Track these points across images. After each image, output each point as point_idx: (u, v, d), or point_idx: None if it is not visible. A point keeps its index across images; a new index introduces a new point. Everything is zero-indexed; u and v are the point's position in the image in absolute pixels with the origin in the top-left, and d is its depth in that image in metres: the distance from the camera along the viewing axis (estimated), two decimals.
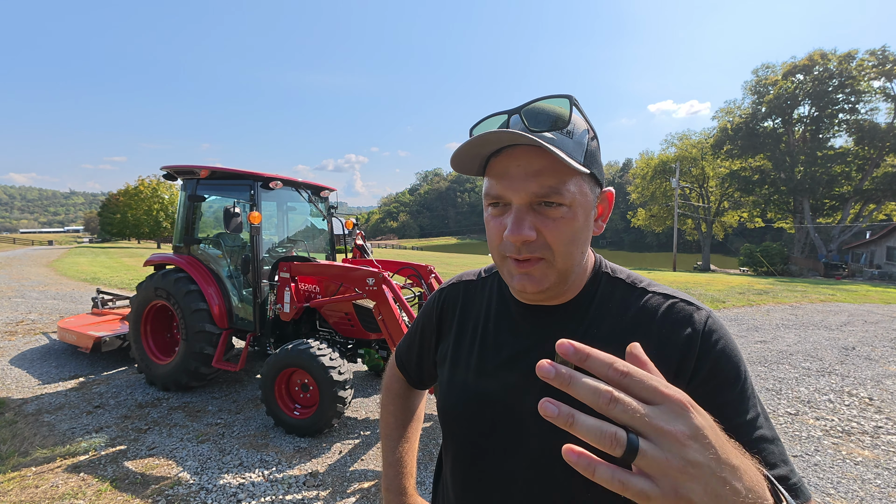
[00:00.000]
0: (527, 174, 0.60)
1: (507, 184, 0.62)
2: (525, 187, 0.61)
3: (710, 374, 0.61)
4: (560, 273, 0.64)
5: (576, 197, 0.62)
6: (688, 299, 0.68)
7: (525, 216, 0.61)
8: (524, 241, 0.61)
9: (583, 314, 0.70)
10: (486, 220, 0.68)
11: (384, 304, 3.51)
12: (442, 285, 0.92)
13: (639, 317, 0.67)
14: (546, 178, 0.60)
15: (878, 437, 3.80)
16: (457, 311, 0.84)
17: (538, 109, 0.63)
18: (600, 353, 0.38)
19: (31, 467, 3.07)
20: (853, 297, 12.65)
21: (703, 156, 38.60)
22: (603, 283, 0.72)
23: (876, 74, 30.07)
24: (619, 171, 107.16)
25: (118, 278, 13.54)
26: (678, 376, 0.62)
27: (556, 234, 0.62)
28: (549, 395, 0.64)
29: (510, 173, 0.62)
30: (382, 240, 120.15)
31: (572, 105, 0.63)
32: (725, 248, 57.98)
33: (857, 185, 30.75)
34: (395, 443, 0.96)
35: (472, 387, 0.74)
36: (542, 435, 0.66)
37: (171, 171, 4.52)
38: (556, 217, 0.61)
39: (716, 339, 0.63)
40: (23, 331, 6.78)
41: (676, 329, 0.64)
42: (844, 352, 6.50)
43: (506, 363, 0.72)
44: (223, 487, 2.84)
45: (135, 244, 47.29)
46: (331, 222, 5.27)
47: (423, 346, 0.91)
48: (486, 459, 0.71)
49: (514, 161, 0.61)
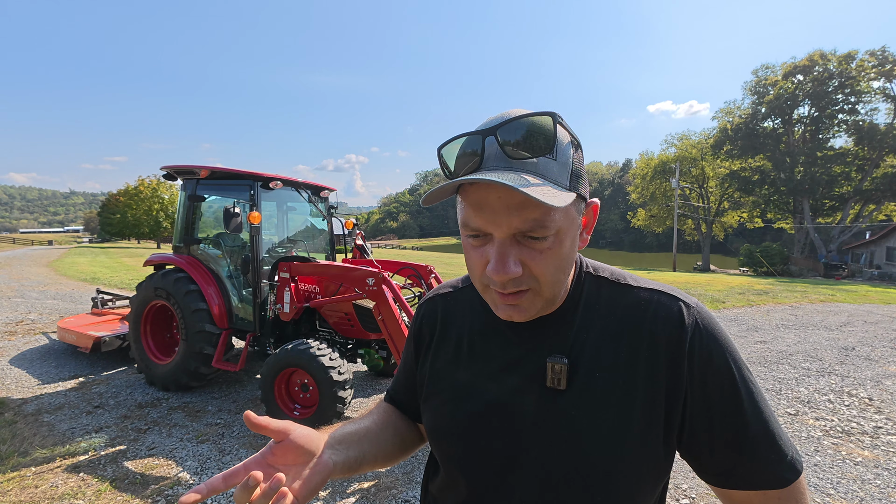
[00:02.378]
0: (508, 207, 0.55)
1: (487, 217, 0.57)
2: (507, 222, 0.55)
3: (702, 371, 0.62)
4: (547, 300, 0.62)
5: (562, 226, 0.58)
6: (673, 293, 0.67)
7: (509, 251, 0.57)
8: (509, 280, 0.58)
9: (571, 319, 0.68)
10: (465, 246, 0.63)
11: (384, 305, 3.51)
12: (423, 298, 0.88)
13: (627, 315, 0.66)
14: (530, 212, 0.55)
15: (877, 438, 3.80)
16: (436, 327, 0.81)
17: (517, 132, 0.56)
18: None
19: (31, 467, 3.07)
20: (853, 298, 12.65)
21: (703, 156, 38.63)
22: (588, 284, 0.70)
23: (876, 75, 30.10)
24: (618, 172, 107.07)
25: (118, 278, 13.54)
26: (671, 372, 0.62)
27: (544, 267, 0.58)
28: (542, 404, 0.66)
29: (490, 205, 0.56)
30: (382, 240, 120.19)
31: (555, 124, 0.57)
32: (725, 248, 57.99)
33: (856, 186, 30.79)
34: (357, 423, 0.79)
35: (464, 399, 0.71)
36: (539, 444, 0.65)
37: (171, 171, 4.52)
38: (542, 249, 0.57)
39: (704, 332, 0.63)
40: (22, 331, 6.78)
41: (666, 325, 0.64)
42: (844, 352, 6.50)
43: (498, 374, 0.70)
44: None
45: (135, 244, 47.31)
46: (331, 222, 5.27)
47: (413, 366, 0.85)
48: (482, 472, 0.68)
49: (494, 192, 0.55)
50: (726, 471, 0.63)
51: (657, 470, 0.64)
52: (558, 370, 0.64)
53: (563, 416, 0.63)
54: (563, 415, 0.63)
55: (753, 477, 0.61)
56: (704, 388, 0.61)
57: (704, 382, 0.61)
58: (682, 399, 0.62)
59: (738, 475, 0.62)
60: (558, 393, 0.64)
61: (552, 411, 0.64)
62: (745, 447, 0.61)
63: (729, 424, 0.61)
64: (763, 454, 0.60)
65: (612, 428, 0.62)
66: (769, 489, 0.61)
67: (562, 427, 0.63)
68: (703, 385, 0.61)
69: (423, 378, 0.80)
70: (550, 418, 0.64)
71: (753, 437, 0.60)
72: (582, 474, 0.62)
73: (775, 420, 0.63)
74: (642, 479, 0.63)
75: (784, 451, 0.61)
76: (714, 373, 0.62)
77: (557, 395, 0.64)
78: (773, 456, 0.61)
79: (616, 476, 0.61)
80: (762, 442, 0.61)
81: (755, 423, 0.61)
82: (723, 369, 0.62)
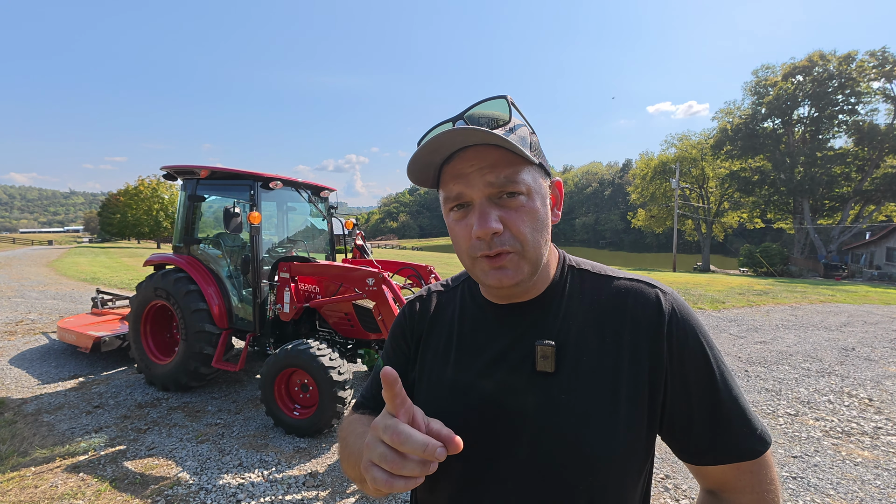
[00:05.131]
0: (481, 169, 0.63)
1: (465, 181, 0.64)
2: (483, 180, 0.63)
3: (679, 350, 0.67)
4: (531, 263, 0.66)
5: (531, 185, 0.65)
6: (651, 282, 0.73)
7: (489, 209, 0.63)
8: (493, 234, 0.62)
9: (556, 306, 0.72)
10: (451, 227, 0.69)
11: (384, 305, 3.51)
12: (407, 300, 0.89)
13: (609, 303, 0.71)
14: (501, 169, 0.63)
15: (877, 438, 3.80)
16: (426, 321, 0.84)
17: (479, 113, 0.66)
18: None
19: (31, 467, 3.07)
20: (853, 298, 12.66)
21: (702, 156, 38.61)
22: (571, 276, 0.75)
23: (876, 75, 30.08)
24: (618, 172, 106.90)
25: (118, 278, 13.54)
26: (652, 352, 0.67)
27: (521, 223, 0.64)
28: (536, 392, 0.67)
29: (466, 172, 0.64)
30: (382, 240, 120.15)
31: (510, 105, 0.66)
32: (725, 248, 57.99)
33: (856, 186, 30.78)
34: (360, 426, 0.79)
35: (457, 390, 0.73)
36: (532, 432, 0.66)
37: (171, 171, 4.52)
38: (517, 206, 0.64)
39: (680, 316, 0.68)
40: (22, 331, 6.78)
41: (646, 309, 0.69)
42: (844, 352, 6.50)
43: (488, 365, 0.72)
44: (223, 488, 2.85)
45: (135, 244, 47.28)
46: (331, 222, 5.27)
47: (400, 367, 0.83)
48: (475, 462, 0.69)
49: (468, 162, 0.64)
50: (703, 447, 0.67)
51: (643, 451, 0.67)
52: (547, 352, 0.67)
53: (553, 400, 0.66)
54: (553, 398, 0.66)
55: (728, 451, 0.65)
56: (682, 366, 0.66)
57: (682, 361, 0.66)
58: (663, 378, 0.66)
59: (713, 450, 0.66)
60: (548, 376, 0.68)
61: (542, 395, 0.67)
62: (721, 421, 0.65)
63: (705, 400, 0.66)
64: (736, 428, 0.65)
65: (600, 410, 0.65)
66: (742, 461, 0.65)
67: (552, 411, 0.66)
68: (681, 363, 0.66)
69: (416, 374, 0.82)
70: (541, 403, 0.67)
71: (727, 411, 0.65)
72: (573, 458, 0.64)
73: (744, 397, 0.68)
74: (630, 460, 0.66)
75: (754, 425, 0.66)
76: (690, 352, 0.67)
77: (547, 379, 0.68)
78: (745, 429, 0.65)
79: (605, 459, 0.64)
80: (735, 416, 0.65)
81: (728, 400, 0.66)
82: (697, 349, 0.67)
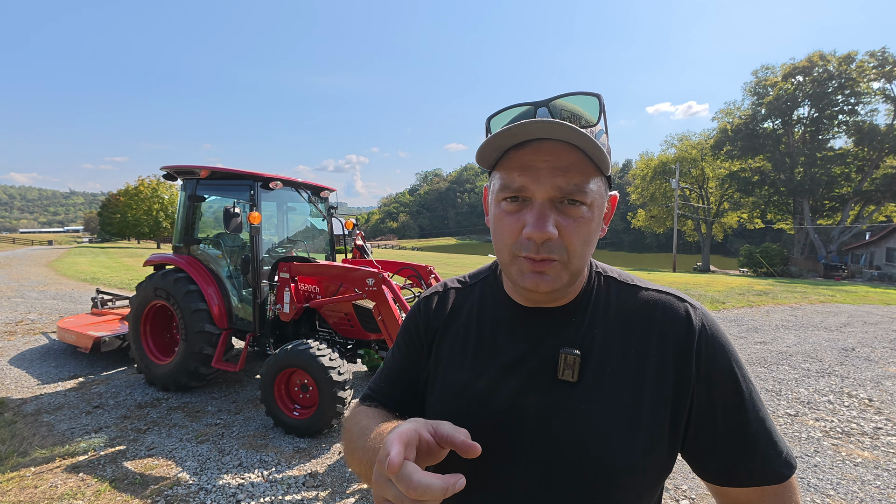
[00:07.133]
0: (554, 169, 0.58)
1: (532, 176, 0.59)
2: (552, 182, 0.58)
3: (708, 369, 0.64)
4: (572, 274, 0.63)
5: (595, 197, 0.61)
6: (680, 295, 0.70)
7: (548, 213, 0.59)
8: (546, 240, 0.59)
9: (582, 314, 0.69)
10: (498, 217, 0.64)
11: (384, 305, 3.51)
12: (422, 295, 0.86)
13: (636, 315, 0.68)
14: (573, 175, 0.58)
15: (877, 439, 3.80)
16: (442, 318, 0.80)
17: (564, 106, 0.62)
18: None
19: (31, 467, 3.07)
20: (853, 299, 12.66)
21: (702, 157, 38.59)
22: (598, 283, 0.73)
23: (876, 76, 30.09)
24: (618, 172, 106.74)
25: (118, 278, 13.53)
26: (679, 369, 0.64)
27: (575, 235, 0.60)
28: (554, 400, 0.66)
29: (536, 167, 0.59)
30: (382, 240, 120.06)
31: (601, 108, 0.61)
32: (725, 248, 57.99)
33: (856, 187, 30.79)
34: (370, 422, 0.73)
35: (471, 391, 0.72)
36: (543, 437, 0.65)
37: (171, 171, 4.52)
38: (577, 216, 0.60)
39: (710, 333, 0.66)
40: (22, 331, 6.78)
41: (675, 324, 0.66)
42: (844, 353, 6.50)
43: (505, 368, 0.70)
44: (222, 488, 2.85)
45: (134, 244, 47.28)
46: (331, 222, 5.27)
47: (411, 363, 0.82)
48: (487, 464, 0.68)
49: (542, 156, 0.59)
50: (727, 468, 0.64)
51: (661, 467, 0.65)
52: (571, 361, 0.65)
53: (572, 410, 0.64)
54: (572, 409, 0.64)
55: (753, 473, 0.63)
56: (709, 384, 0.63)
57: (710, 379, 0.63)
58: (689, 395, 0.64)
59: (738, 472, 0.63)
60: (569, 385, 0.65)
61: (561, 405, 0.65)
62: (746, 443, 0.62)
63: (732, 420, 0.63)
64: (762, 451, 0.62)
65: (621, 424, 0.62)
66: (767, 485, 0.63)
67: (571, 421, 0.64)
68: (708, 382, 0.63)
69: (428, 371, 0.80)
70: (559, 411, 0.65)
71: (753, 433, 0.62)
72: (590, 471, 0.62)
73: (771, 419, 0.65)
74: (648, 476, 0.64)
75: (780, 447, 0.63)
76: (718, 371, 0.64)
77: (568, 388, 0.65)
78: (772, 452, 0.63)
79: (624, 473, 0.62)
80: (761, 439, 0.63)
81: (755, 421, 0.63)
82: (726, 369, 0.64)
